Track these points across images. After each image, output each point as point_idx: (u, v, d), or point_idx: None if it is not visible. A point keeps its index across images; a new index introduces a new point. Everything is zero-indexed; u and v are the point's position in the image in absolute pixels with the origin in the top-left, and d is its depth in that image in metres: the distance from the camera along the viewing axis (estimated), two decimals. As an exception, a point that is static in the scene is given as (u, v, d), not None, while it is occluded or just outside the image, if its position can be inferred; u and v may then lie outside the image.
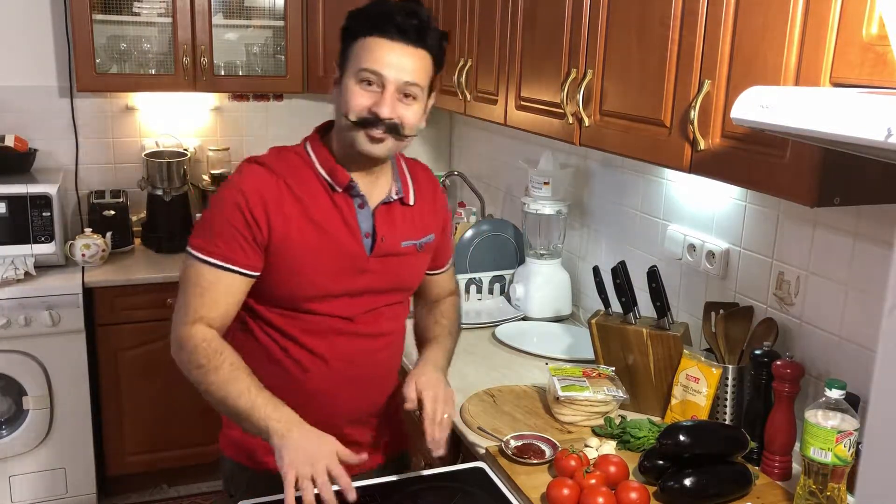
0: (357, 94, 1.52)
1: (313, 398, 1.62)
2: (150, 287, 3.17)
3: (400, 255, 1.65)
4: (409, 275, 1.72)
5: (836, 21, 1.27)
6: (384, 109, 1.50)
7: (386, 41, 1.51)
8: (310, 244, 1.56)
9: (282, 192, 1.55)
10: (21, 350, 2.99)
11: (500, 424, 1.92)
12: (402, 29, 1.50)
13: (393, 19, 1.50)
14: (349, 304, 1.62)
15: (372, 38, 1.51)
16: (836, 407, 1.49)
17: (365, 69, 1.51)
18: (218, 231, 1.54)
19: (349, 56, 1.55)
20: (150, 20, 3.37)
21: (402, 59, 1.51)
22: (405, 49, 1.51)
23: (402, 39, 1.51)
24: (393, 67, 1.51)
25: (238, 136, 3.80)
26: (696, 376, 1.87)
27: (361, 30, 1.53)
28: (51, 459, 3.12)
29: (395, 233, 1.64)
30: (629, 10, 1.79)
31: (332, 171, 1.59)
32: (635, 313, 2.03)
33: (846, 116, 1.03)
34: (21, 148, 3.29)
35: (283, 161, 1.59)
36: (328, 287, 1.59)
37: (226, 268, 1.53)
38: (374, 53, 1.51)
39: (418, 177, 1.74)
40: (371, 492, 1.60)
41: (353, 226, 1.59)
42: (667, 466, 1.64)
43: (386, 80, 1.51)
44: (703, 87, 1.55)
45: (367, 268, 1.61)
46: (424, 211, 1.71)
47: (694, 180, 2.14)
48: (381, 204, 1.63)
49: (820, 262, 1.81)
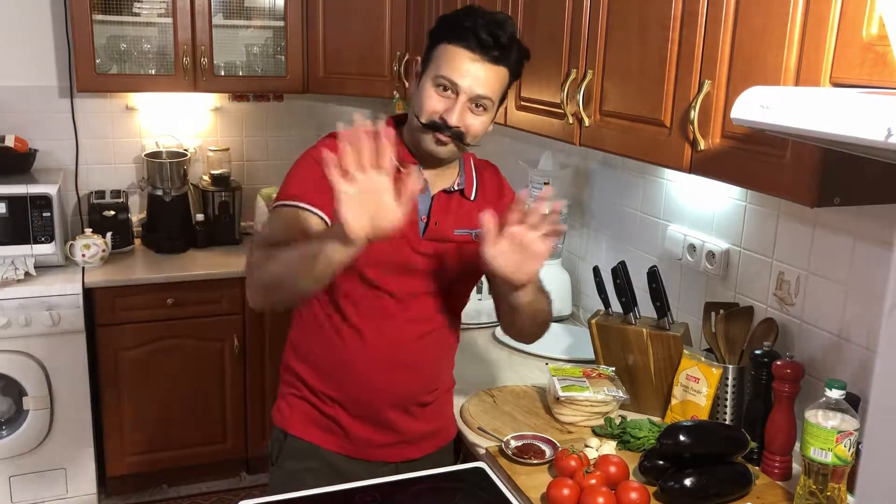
0: (431, 98, 1.60)
1: (353, 373, 1.72)
2: (150, 287, 3.17)
3: (452, 242, 1.72)
4: (461, 263, 1.75)
5: (836, 21, 1.27)
6: (453, 117, 1.59)
7: (466, 52, 1.58)
8: None
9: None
10: (21, 350, 2.99)
11: (500, 424, 1.92)
12: (484, 45, 1.57)
13: (477, 33, 1.56)
14: (398, 280, 1.68)
15: (453, 47, 1.58)
16: (837, 407, 1.49)
17: (442, 76, 1.59)
18: (295, 182, 1.65)
19: (431, 58, 1.63)
20: (150, 20, 3.37)
21: (478, 72, 1.58)
22: (483, 63, 1.58)
23: (482, 54, 1.58)
24: (468, 78, 1.58)
25: (238, 137, 3.80)
26: (697, 376, 1.87)
27: (446, 36, 1.60)
28: (51, 460, 3.12)
29: (447, 220, 1.71)
30: (629, 11, 1.79)
31: (399, 152, 1.64)
32: (635, 313, 2.02)
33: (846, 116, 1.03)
34: (21, 148, 3.29)
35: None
36: (380, 261, 1.64)
37: (294, 205, 1.62)
38: (452, 62, 1.58)
39: (484, 176, 1.82)
40: (371, 492, 1.60)
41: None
42: (667, 467, 1.64)
43: (460, 89, 1.58)
44: (703, 87, 1.55)
45: (420, 249, 1.69)
46: (485, 205, 1.73)
47: (694, 180, 2.14)
48: (442, 192, 1.72)
49: (820, 262, 1.81)
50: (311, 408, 1.77)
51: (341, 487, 1.62)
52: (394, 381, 1.73)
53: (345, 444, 1.77)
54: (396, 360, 1.72)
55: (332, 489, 1.61)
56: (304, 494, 1.59)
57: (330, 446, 1.77)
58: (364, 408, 1.73)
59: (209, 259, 3.42)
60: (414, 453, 1.81)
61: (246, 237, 3.70)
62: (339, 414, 1.75)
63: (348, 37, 3.39)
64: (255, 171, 3.87)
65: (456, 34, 1.58)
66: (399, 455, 1.80)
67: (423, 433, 1.81)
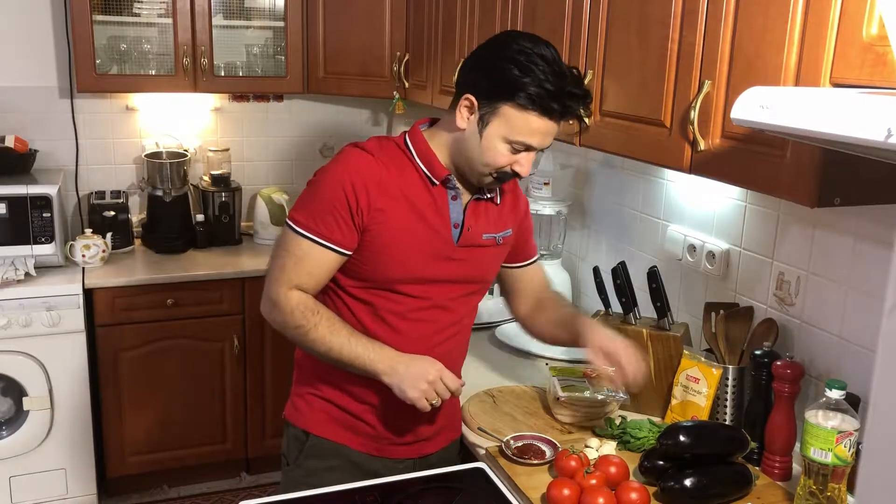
0: (503, 156, 1.61)
1: None
2: (150, 288, 3.17)
3: (481, 247, 1.75)
4: (487, 266, 1.81)
5: (836, 21, 1.27)
6: (524, 170, 1.63)
7: (546, 121, 1.57)
8: (406, 229, 1.65)
9: (383, 178, 1.65)
10: (21, 351, 2.99)
11: (500, 425, 1.92)
12: (565, 114, 1.59)
13: (562, 102, 1.56)
14: (431, 289, 1.71)
15: (532, 116, 1.56)
16: (837, 407, 1.49)
17: (518, 141, 1.59)
18: (320, 209, 1.64)
19: (498, 112, 1.58)
20: (151, 21, 3.37)
21: (549, 132, 1.60)
22: (555, 125, 1.60)
23: (560, 120, 1.59)
24: (544, 139, 1.60)
25: (238, 137, 3.80)
26: (697, 377, 1.87)
27: (527, 100, 1.55)
28: (51, 460, 3.11)
29: (478, 225, 1.74)
30: (629, 10, 1.79)
31: (431, 164, 1.68)
32: (635, 314, 2.02)
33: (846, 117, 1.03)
34: (21, 148, 3.29)
35: (384, 149, 1.69)
36: (416, 271, 1.69)
37: (323, 244, 1.64)
38: (530, 128, 1.57)
39: None
40: (371, 491, 1.60)
41: (444, 215, 1.69)
42: (667, 467, 1.64)
43: (532, 148, 1.61)
44: (704, 87, 1.55)
45: (453, 256, 1.71)
46: (506, 208, 1.81)
47: (694, 181, 2.14)
48: (473, 199, 1.74)
49: (820, 263, 1.81)
50: (333, 407, 1.77)
51: (341, 488, 1.62)
52: None
53: (367, 443, 1.78)
54: None
55: (332, 490, 1.61)
56: (305, 495, 1.59)
57: (352, 444, 1.78)
58: (390, 405, 1.72)
59: (209, 259, 3.42)
60: (430, 448, 1.84)
61: (246, 237, 3.71)
62: (366, 413, 1.76)
63: (348, 37, 3.39)
64: (255, 172, 3.87)
65: (540, 104, 1.54)
66: (418, 451, 1.82)
67: (439, 428, 1.84)
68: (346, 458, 1.78)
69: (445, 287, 1.73)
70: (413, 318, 1.71)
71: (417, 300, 1.71)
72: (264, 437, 3.47)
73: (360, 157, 1.65)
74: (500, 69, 1.56)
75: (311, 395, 1.80)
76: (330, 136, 3.94)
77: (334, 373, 1.75)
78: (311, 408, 1.80)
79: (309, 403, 1.80)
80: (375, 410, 1.75)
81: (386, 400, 1.72)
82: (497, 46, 1.61)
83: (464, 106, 1.63)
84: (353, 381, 1.74)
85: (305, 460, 1.79)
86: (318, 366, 1.77)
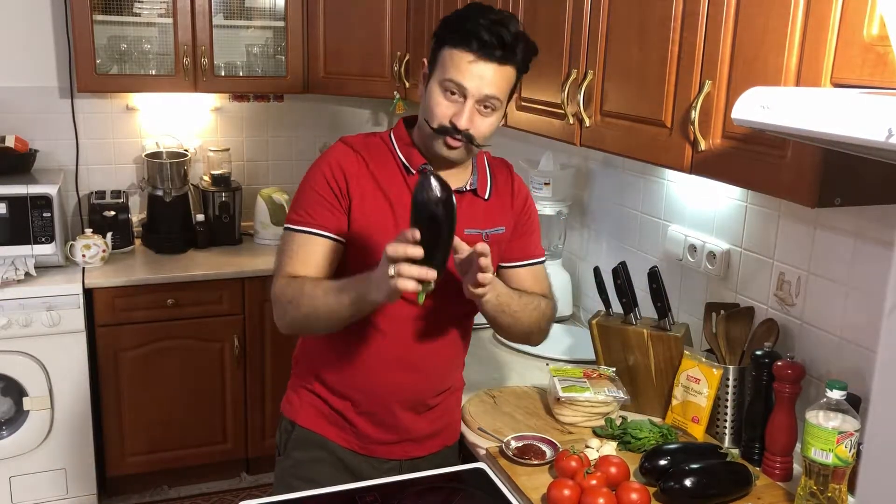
0: (439, 104, 1.61)
1: (366, 371, 1.73)
2: (150, 288, 3.17)
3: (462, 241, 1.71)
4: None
5: (836, 22, 1.27)
6: (461, 120, 1.59)
7: (470, 55, 1.57)
8: (380, 219, 1.65)
9: (360, 168, 1.67)
10: (21, 351, 2.99)
11: (500, 425, 1.92)
12: (488, 46, 1.56)
13: (479, 35, 1.56)
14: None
15: (457, 51, 1.58)
16: (837, 408, 1.49)
17: (448, 79, 1.59)
18: (306, 201, 1.67)
19: (437, 61, 1.63)
20: (151, 21, 3.37)
21: (484, 73, 1.58)
22: (489, 63, 1.58)
23: (486, 56, 1.57)
24: (475, 80, 1.58)
25: (238, 137, 3.80)
26: (697, 377, 1.87)
27: (449, 39, 1.60)
28: (51, 460, 3.12)
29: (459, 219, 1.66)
30: (630, 11, 1.78)
31: (409, 154, 1.70)
32: (636, 314, 2.02)
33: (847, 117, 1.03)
34: (21, 148, 3.30)
35: (366, 142, 1.72)
36: None
37: (314, 233, 1.65)
38: (458, 66, 1.58)
39: (497, 174, 1.83)
40: (371, 492, 1.60)
41: None
42: (668, 468, 1.64)
43: (467, 93, 1.58)
44: (704, 87, 1.54)
45: None
46: (497, 205, 1.79)
47: (694, 181, 2.14)
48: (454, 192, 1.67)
49: (821, 263, 1.81)
50: (320, 401, 1.79)
51: (342, 488, 1.62)
52: (405, 381, 1.74)
53: (351, 440, 1.78)
54: (409, 361, 1.74)
55: (332, 490, 1.62)
56: (305, 495, 1.59)
57: (337, 440, 1.79)
58: (373, 406, 1.75)
59: (209, 259, 3.42)
60: (419, 452, 1.82)
61: (246, 237, 3.71)
62: (348, 410, 1.76)
63: (349, 37, 3.39)
64: (255, 172, 3.87)
65: (459, 37, 1.58)
66: (404, 453, 1.81)
67: (428, 433, 1.82)
68: (330, 452, 1.79)
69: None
70: (396, 314, 1.68)
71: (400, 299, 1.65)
72: (264, 437, 3.47)
73: (338, 149, 1.70)
74: (440, 28, 1.64)
75: (302, 389, 1.82)
76: (330, 135, 3.93)
77: (323, 369, 1.77)
78: (300, 401, 1.82)
79: (300, 397, 1.82)
80: (357, 408, 1.76)
81: (368, 398, 1.74)
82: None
83: (421, 75, 1.68)
84: (337, 379, 1.75)
85: (292, 451, 1.81)
86: (312, 362, 1.79)
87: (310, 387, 1.80)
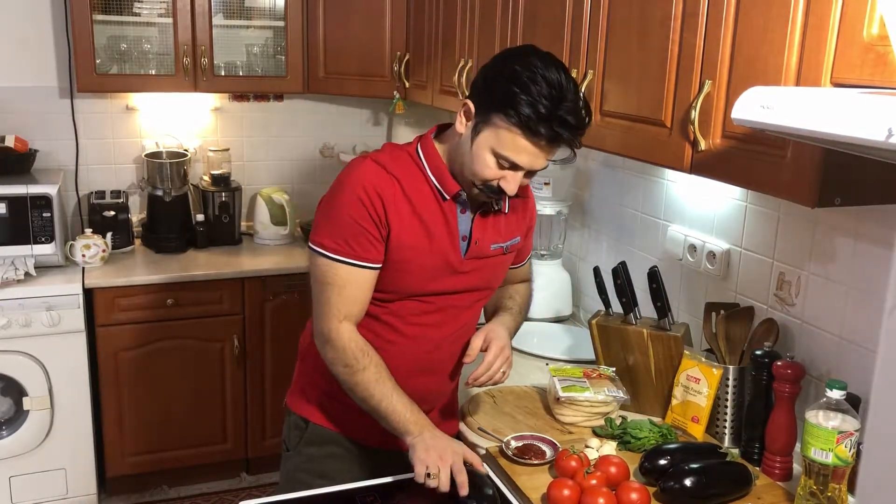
0: (488, 168, 1.57)
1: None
2: (150, 288, 3.17)
3: (489, 258, 1.74)
4: (495, 275, 1.81)
5: (836, 21, 1.27)
6: (510, 189, 1.58)
7: (533, 142, 1.52)
8: (416, 244, 1.64)
9: (396, 191, 1.63)
10: (21, 351, 2.99)
11: (500, 425, 1.92)
12: (553, 139, 1.52)
13: (550, 128, 1.49)
14: (438, 299, 1.71)
15: (521, 134, 1.51)
16: (837, 407, 1.49)
17: (503, 156, 1.55)
18: (345, 230, 1.61)
19: (489, 122, 1.54)
20: (151, 20, 3.37)
21: (538, 155, 1.55)
22: (545, 148, 1.54)
23: (549, 145, 1.54)
24: (529, 159, 1.55)
25: (238, 137, 3.80)
26: (697, 377, 1.87)
27: (516, 117, 1.50)
28: (51, 460, 3.11)
29: (486, 236, 1.73)
30: (630, 11, 1.78)
31: (442, 179, 1.66)
32: (636, 314, 2.02)
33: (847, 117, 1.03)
34: (21, 148, 3.29)
35: (396, 161, 1.66)
36: (426, 286, 1.69)
37: (360, 265, 1.62)
38: (516, 148, 1.53)
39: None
40: (371, 491, 1.60)
41: (453, 230, 1.68)
42: (667, 467, 1.64)
43: (519, 168, 1.57)
44: (704, 87, 1.54)
45: (461, 269, 1.71)
46: (514, 217, 1.80)
47: (694, 181, 2.14)
48: (481, 213, 1.72)
49: (821, 263, 1.81)
50: (331, 398, 1.78)
51: (341, 488, 1.63)
52: (424, 383, 1.76)
53: (366, 434, 1.79)
54: (428, 364, 1.76)
55: (332, 490, 1.62)
56: (305, 495, 1.59)
57: (352, 435, 1.80)
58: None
59: (209, 259, 3.42)
60: None
61: (246, 238, 3.70)
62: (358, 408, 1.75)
63: (349, 37, 3.39)
64: (255, 172, 3.87)
65: (526, 124, 1.49)
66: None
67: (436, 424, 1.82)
68: (345, 447, 1.80)
69: (453, 297, 1.74)
70: (418, 322, 1.72)
71: (425, 305, 1.72)
72: (264, 438, 3.47)
73: (372, 170, 1.63)
74: (502, 81, 1.53)
75: (311, 386, 1.82)
76: (330, 135, 3.93)
77: None
78: (311, 397, 1.82)
79: (309, 393, 1.82)
80: None
81: None
82: (510, 58, 1.57)
83: (463, 111, 1.61)
84: None
85: (305, 447, 1.81)
86: (319, 359, 1.77)
87: (319, 384, 1.80)
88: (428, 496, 1.58)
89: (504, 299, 1.93)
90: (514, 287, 1.97)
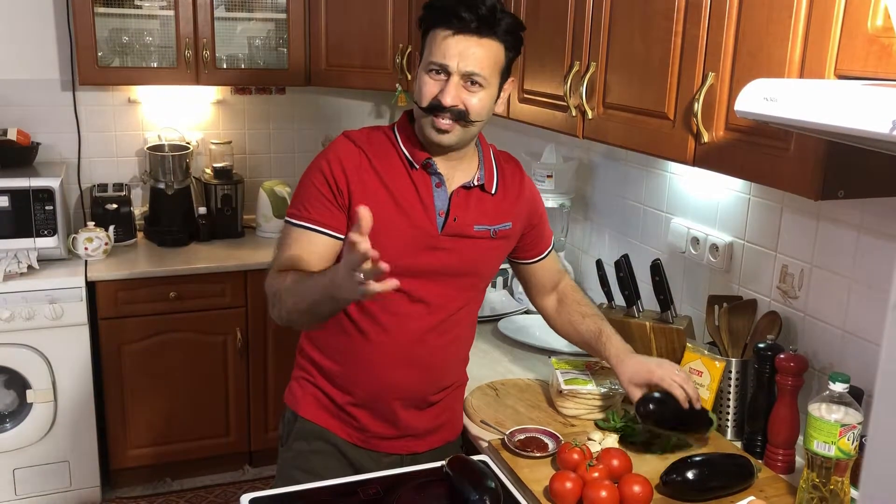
0: (426, 83, 1.63)
1: (368, 366, 1.72)
2: (152, 281, 3.18)
3: (472, 238, 1.73)
4: (479, 259, 1.77)
5: (840, 13, 1.26)
6: (446, 97, 1.60)
7: (449, 33, 1.59)
8: (383, 215, 1.63)
9: (361, 163, 1.67)
10: (25, 343, 3.00)
11: (502, 418, 1.92)
12: (464, 21, 1.58)
13: (455, 12, 1.58)
14: (415, 282, 1.68)
15: (438, 31, 1.61)
16: (840, 400, 1.49)
17: (431, 61, 1.61)
18: (306, 196, 1.67)
19: (423, 47, 1.66)
20: (153, 13, 3.36)
21: (464, 50, 1.59)
22: (468, 39, 1.59)
23: (464, 31, 1.59)
24: (455, 58, 1.59)
25: (240, 130, 3.80)
26: (700, 369, 1.87)
27: (429, 22, 1.63)
28: (54, 453, 3.13)
29: (467, 215, 1.72)
30: (633, 3, 1.78)
31: (412, 149, 1.69)
32: (638, 306, 2.02)
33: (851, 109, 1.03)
34: (24, 141, 3.29)
35: (369, 137, 1.72)
36: (398, 259, 1.59)
37: (312, 228, 1.65)
38: (438, 46, 1.60)
39: (506, 170, 1.82)
40: (374, 484, 1.60)
41: (427, 203, 1.68)
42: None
43: (449, 70, 1.60)
44: (707, 79, 1.54)
45: (438, 245, 1.69)
46: (506, 200, 1.78)
47: (697, 173, 2.13)
48: (461, 187, 1.72)
49: (824, 256, 1.81)
50: (322, 393, 1.79)
51: (344, 480, 1.63)
52: (407, 377, 1.74)
53: (352, 433, 1.78)
54: (412, 358, 1.73)
55: (335, 482, 1.62)
56: (307, 487, 1.59)
57: (338, 432, 1.79)
58: (374, 401, 1.74)
59: (212, 252, 3.42)
60: (420, 447, 1.82)
61: (248, 230, 3.71)
62: (349, 403, 1.76)
63: (350, 29, 3.38)
64: (257, 164, 3.87)
65: (436, 17, 1.61)
66: (405, 448, 1.81)
67: (429, 428, 1.82)
68: (331, 444, 1.79)
69: (432, 280, 1.70)
70: (399, 311, 1.69)
71: (403, 294, 1.67)
72: (267, 430, 3.48)
73: (339, 143, 1.70)
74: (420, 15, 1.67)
75: (304, 380, 1.82)
76: (332, 128, 3.93)
77: (325, 362, 1.77)
78: (303, 391, 1.82)
79: (302, 387, 1.82)
80: (358, 402, 1.76)
81: (368, 393, 1.74)
82: None
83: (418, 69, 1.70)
84: (339, 372, 1.75)
85: (294, 442, 1.81)
86: (314, 354, 1.79)
87: (312, 378, 1.80)
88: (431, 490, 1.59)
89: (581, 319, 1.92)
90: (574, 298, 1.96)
